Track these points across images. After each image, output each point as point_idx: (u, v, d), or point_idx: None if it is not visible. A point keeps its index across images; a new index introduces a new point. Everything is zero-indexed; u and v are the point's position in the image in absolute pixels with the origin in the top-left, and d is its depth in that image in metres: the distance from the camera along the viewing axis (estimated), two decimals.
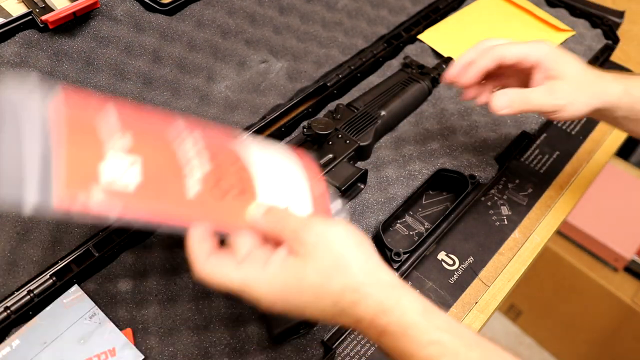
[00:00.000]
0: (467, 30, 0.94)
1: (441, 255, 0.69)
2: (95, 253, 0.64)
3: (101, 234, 0.65)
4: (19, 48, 0.62)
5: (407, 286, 0.42)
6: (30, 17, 0.62)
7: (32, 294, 0.60)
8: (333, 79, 0.83)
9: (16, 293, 0.59)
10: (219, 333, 0.60)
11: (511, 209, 0.75)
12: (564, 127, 0.86)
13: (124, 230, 0.66)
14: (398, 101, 0.79)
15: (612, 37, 0.92)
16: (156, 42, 0.71)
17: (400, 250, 0.64)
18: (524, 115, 0.80)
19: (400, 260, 0.64)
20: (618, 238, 1.32)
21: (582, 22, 0.95)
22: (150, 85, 0.71)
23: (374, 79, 0.86)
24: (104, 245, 0.65)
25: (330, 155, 0.71)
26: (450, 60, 0.87)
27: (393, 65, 0.88)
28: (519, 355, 0.40)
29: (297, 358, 0.58)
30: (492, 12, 0.97)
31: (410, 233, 0.69)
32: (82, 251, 0.63)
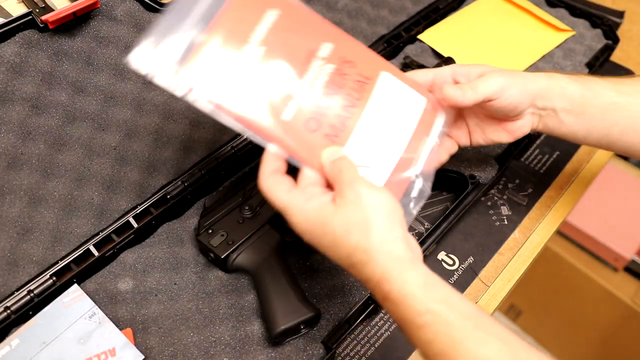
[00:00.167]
0: (467, 30, 0.94)
1: (441, 255, 0.69)
2: (95, 253, 0.64)
3: (101, 234, 0.65)
4: (19, 48, 0.62)
5: (419, 262, 0.45)
6: (30, 17, 0.62)
7: (32, 294, 0.60)
8: None
9: (16, 293, 0.59)
10: (219, 333, 0.60)
11: (511, 209, 0.75)
12: None
13: (124, 230, 0.66)
14: None
15: (612, 37, 0.92)
16: None
17: None
18: None
19: None
20: (618, 238, 1.32)
21: (582, 22, 0.95)
22: (150, 85, 0.71)
23: None
24: (104, 245, 0.65)
25: None
26: (450, 60, 0.87)
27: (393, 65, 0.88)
28: (518, 355, 0.41)
29: (297, 358, 0.58)
30: (492, 12, 0.97)
31: (410, 233, 0.69)
32: (82, 251, 0.63)
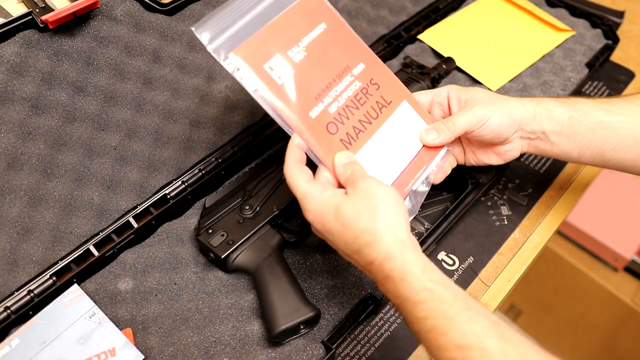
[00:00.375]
0: (467, 30, 0.94)
1: (441, 255, 0.69)
2: (95, 253, 0.64)
3: (101, 234, 0.65)
4: (19, 48, 0.62)
5: (419, 249, 0.49)
6: (30, 17, 0.62)
7: (32, 294, 0.60)
8: None
9: (16, 293, 0.59)
10: (219, 333, 0.60)
11: (511, 209, 0.75)
12: None
13: (124, 230, 0.66)
14: None
15: (612, 37, 0.92)
16: (156, 42, 0.71)
17: None
18: None
19: None
20: (618, 238, 1.32)
21: (582, 22, 0.95)
22: (150, 85, 0.71)
23: None
24: (104, 245, 0.65)
25: None
26: (450, 60, 0.87)
27: (393, 65, 0.88)
28: (504, 334, 0.43)
29: (297, 358, 0.58)
30: (492, 12, 0.97)
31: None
32: (82, 251, 0.63)
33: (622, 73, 0.93)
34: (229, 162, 0.73)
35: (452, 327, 0.44)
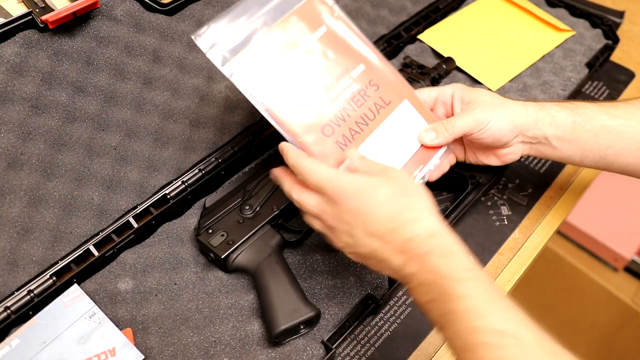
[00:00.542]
0: (467, 30, 0.94)
1: None
2: (95, 253, 0.64)
3: (101, 234, 0.65)
4: (19, 48, 0.62)
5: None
6: (30, 17, 0.62)
7: (32, 294, 0.60)
8: None
9: (16, 293, 0.59)
10: (219, 333, 0.60)
11: (511, 209, 0.75)
12: None
13: (124, 230, 0.66)
14: None
15: (612, 37, 0.92)
16: (156, 42, 0.71)
17: None
18: None
19: None
20: (618, 238, 1.31)
21: (582, 22, 0.95)
22: (150, 85, 0.71)
23: None
24: (104, 245, 0.65)
25: None
26: (450, 60, 0.87)
27: (393, 65, 0.88)
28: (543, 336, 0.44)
29: (297, 358, 0.58)
30: (492, 12, 0.97)
31: None
32: (82, 251, 0.63)
33: (622, 73, 0.93)
34: (229, 162, 0.73)
35: (492, 310, 0.44)
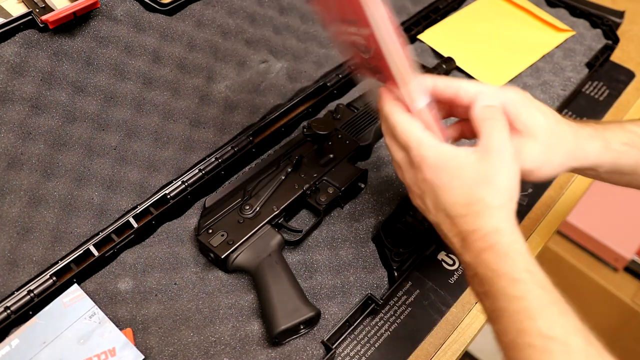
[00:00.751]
0: (467, 30, 0.94)
1: (441, 255, 0.69)
2: (95, 253, 0.64)
3: (101, 234, 0.65)
4: (19, 48, 0.62)
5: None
6: (30, 17, 0.62)
7: (32, 294, 0.60)
8: (333, 79, 0.83)
9: (16, 293, 0.59)
10: (219, 333, 0.60)
11: None
12: None
13: (124, 230, 0.66)
14: None
15: (612, 37, 0.92)
16: (156, 42, 0.71)
17: (400, 250, 0.64)
18: None
19: (400, 260, 0.64)
20: (618, 238, 1.31)
21: (582, 22, 0.95)
22: (150, 85, 0.71)
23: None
24: (104, 245, 0.65)
25: (330, 155, 0.71)
26: (450, 60, 0.87)
27: None
28: (590, 338, 0.43)
29: (297, 358, 0.58)
30: (492, 12, 0.97)
31: (410, 233, 0.69)
32: (82, 251, 0.63)
33: (622, 73, 0.93)
34: (229, 162, 0.73)
35: (543, 315, 0.43)
